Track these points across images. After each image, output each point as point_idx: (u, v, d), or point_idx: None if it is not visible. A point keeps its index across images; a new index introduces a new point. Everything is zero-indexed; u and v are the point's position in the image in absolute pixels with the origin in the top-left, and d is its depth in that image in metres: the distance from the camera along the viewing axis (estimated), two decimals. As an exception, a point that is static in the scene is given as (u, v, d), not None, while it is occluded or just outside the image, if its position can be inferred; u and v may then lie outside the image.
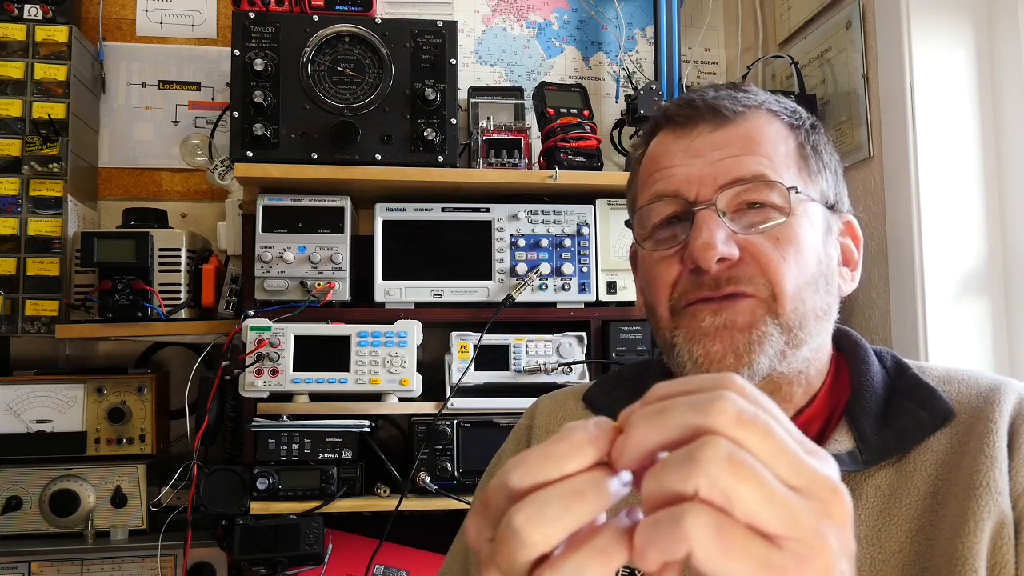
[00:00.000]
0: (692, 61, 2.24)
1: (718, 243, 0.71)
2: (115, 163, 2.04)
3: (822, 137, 0.81)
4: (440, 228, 1.74)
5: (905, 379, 0.78)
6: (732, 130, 0.76)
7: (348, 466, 1.62)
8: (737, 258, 0.72)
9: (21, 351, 1.93)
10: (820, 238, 0.76)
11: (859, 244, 0.82)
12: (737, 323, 0.71)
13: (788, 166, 0.75)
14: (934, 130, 1.54)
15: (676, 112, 0.79)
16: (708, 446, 0.37)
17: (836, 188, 0.80)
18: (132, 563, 1.65)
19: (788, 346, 0.72)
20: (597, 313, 1.74)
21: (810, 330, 0.73)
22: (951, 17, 1.57)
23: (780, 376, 0.74)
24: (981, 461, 0.69)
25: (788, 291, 0.71)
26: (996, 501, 0.67)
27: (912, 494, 0.71)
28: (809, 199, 0.76)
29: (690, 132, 0.77)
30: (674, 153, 0.77)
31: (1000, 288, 1.54)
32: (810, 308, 0.73)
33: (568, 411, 0.91)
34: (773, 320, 0.71)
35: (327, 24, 1.67)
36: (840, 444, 0.73)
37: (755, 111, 0.77)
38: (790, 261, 0.72)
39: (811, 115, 0.82)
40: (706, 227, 0.72)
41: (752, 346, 0.71)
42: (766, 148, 0.75)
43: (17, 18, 1.82)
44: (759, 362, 0.71)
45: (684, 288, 0.74)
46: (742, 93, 0.79)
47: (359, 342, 1.62)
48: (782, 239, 0.72)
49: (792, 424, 0.41)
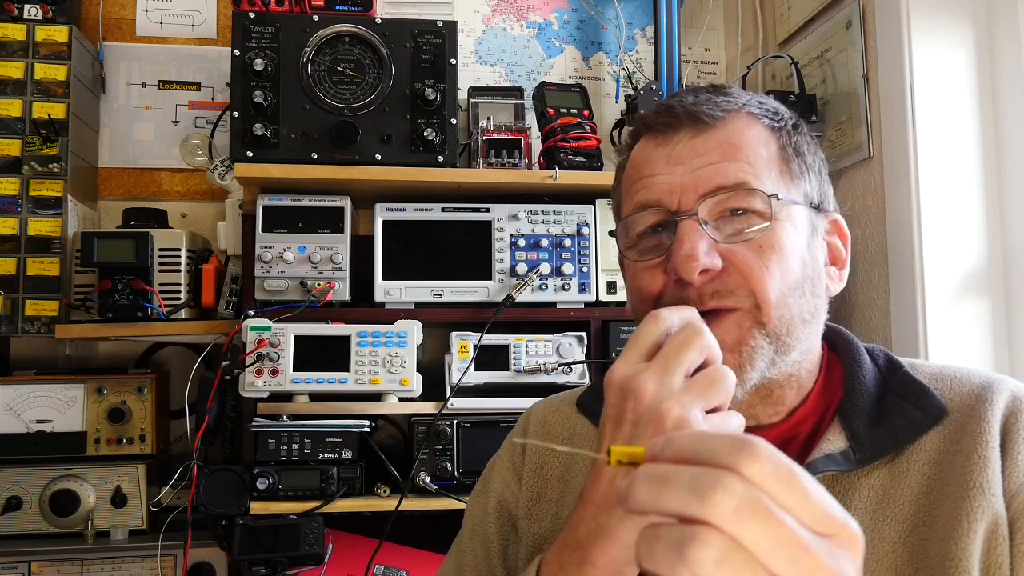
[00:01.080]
0: (692, 61, 2.24)
1: (700, 254, 0.70)
2: (115, 163, 2.04)
3: (804, 137, 0.80)
4: (440, 228, 1.74)
5: (898, 377, 0.78)
6: (712, 136, 0.75)
7: (348, 466, 1.62)
8: (720, 268, 0.71)
9: (21, 351, 1.93)
10: (804, 241, 0.75)
11: (847, 242, 0.81)
12: (726, 343, 0.70)
13: (770, 170, 0.74)
14: (934, 130, 1.54)
15: (656, 120, 0.78)
16: (701, 543, 0.38)
17: (820, 188, 0.80)
18: (132, 563, 1.65)
19: (777, 354, 0.72)
20: (597, 313, 1.74)
21: (797, 335, 0.73)
22: (951, 17, 1.57)
23: (771, 382, 0.74)
24: (974, 461, 0.69)
25: (772, 299, 0.71)
26: (990, 502, 0.67)
27: (905, 494, 0.71)
28: (792, 203, 0.75)
29: (670, 140, 0.76)
30: (655, 161, 0.76)
31: (1000, 288, 1.53)
32: (796, 313, 0.73)
33: (562, 417, 0.91)
34: (760, 331, 0.71)
35: (327, 24, 1.67)
36: (833, 444, 0.73)
37: (735, 115, 0.76)
38: (773, 269, 0.71)
39: (793, 114, 0.81)
40: (688, 239, 0.71)
41: (743, 364, 0.71)
42: (747, 153, 0.74)
43: (17, 18, 1.82)
44: (750, 377, 0.71)
45: (668, 300, 0.73)
46: (722, 97, 0.78)
47: (359, 342, 1.62)
48: (764, 246, 0.72)
49: (815, 487, 0.40)
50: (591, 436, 0.86)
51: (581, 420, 0.89)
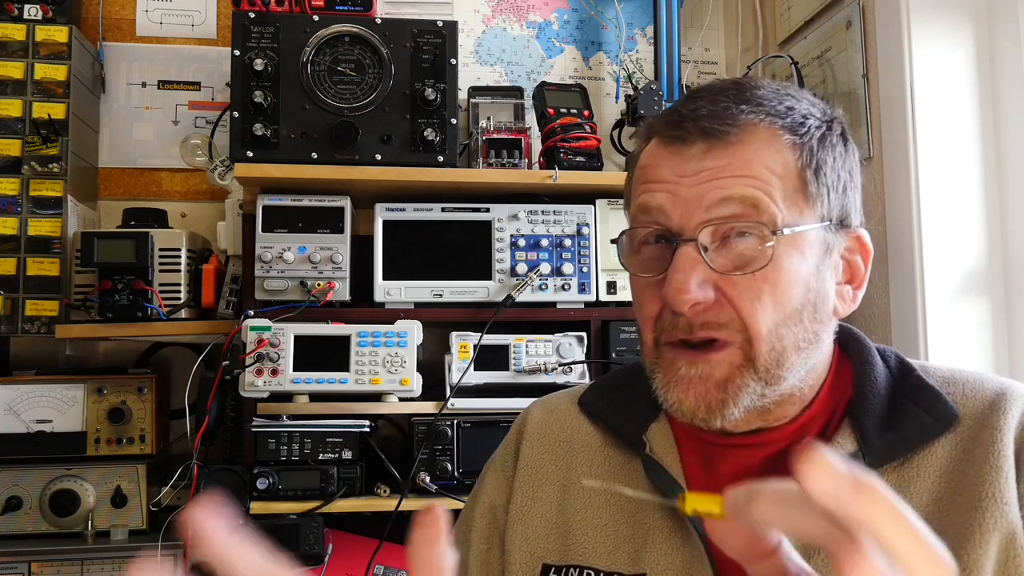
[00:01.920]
0: (692, 61, 2.24)
1: (692, 288, 0.68)
2: (115, 163, 2.04)
3: (831, 149, 0.74)
4: (440, 228, 1.74)
5: (910, 381, 0.76)
6: (724, 152, 0.71)
7: (348, 466, 1.62)
8: (712, 301, 0.70)
9: (21, 351, 1.93)
10: (813, 265, 0.72)
11: (868, 258, 0.77)
12: (714, 377, 0.70)
13: (784, 191, 0.71)
14: (934, 130, 1.54)
15: (666, 131, 0.74)
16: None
17: (844, 203, 0.75)
18: (132, 563, 1.65)
19: (767, 386, 0.71)
20: (597, 313, 1.74)
21: (790, 364, 0.71)
22: (951, 17, 1.57)
23: (763, 406, 0.73)
24: (987, 471, 0.68)
25: (763, 334, 0.69)
26: (1003, 512, 0.66)
27: (914, 501, 0.70)
28: (803, 226, 0.71)
29: (682, 151, 0.72)
30: (662, 168, 0.74)
31: (1000, 288, 1.53)
32: (789, 344, 0.71)
33: (560, 416, 0.89)
34: (749, 369, 0.70)
35: (327, 24, 1.67)
36: (843, 446, 0.72)
37: (753, 130, 0.71)
38: (766, 302, 0.69)
39: (827, 116, 0.76)
40: (682, 271, 0.69)
41: (726, 401, 0.70)
42: (759, 172, 0.70)
43: (17, 18, 1.82)
44: (732, 413, 0.70)
45: (664, 326, 0.72)
46: (744, 105, 0.72)
47: (359, 342, 1.62)
48: (759, 277, 0.69)
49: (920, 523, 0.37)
50: (592, 438, 0.86)
51: (582, 421, 0.87)
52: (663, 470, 0.78)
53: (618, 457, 0.83)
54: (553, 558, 0.80)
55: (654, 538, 0.76)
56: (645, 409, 0.82)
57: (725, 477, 0.77)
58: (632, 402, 0.84)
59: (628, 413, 0.84)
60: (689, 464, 0.79)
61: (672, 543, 0.75)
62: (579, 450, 0.86)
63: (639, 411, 0.83)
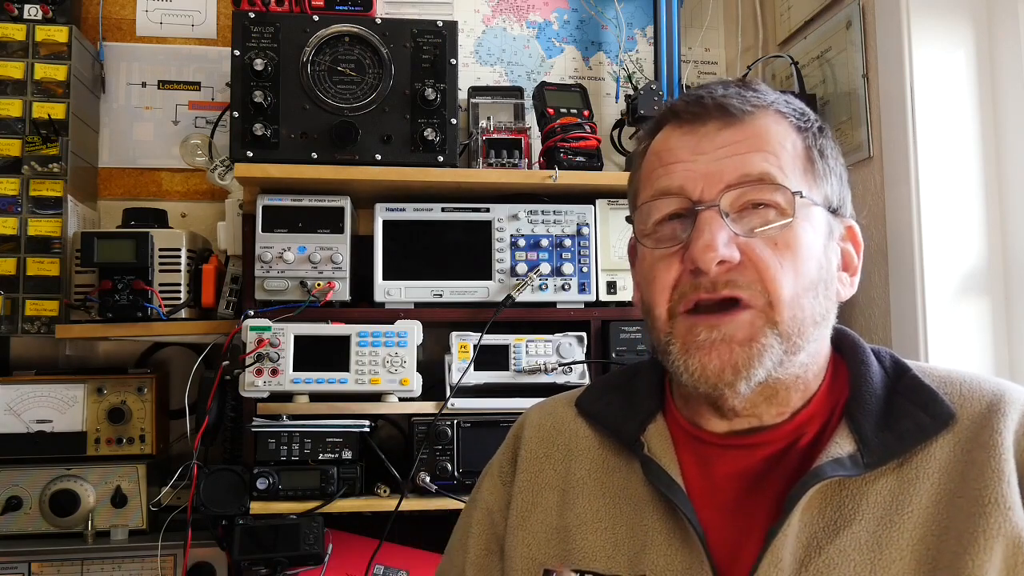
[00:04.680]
0: (692, 61, 2.24)
1: (719, 245, 0.71)
2: (115, 163, 2.04)
3: (829, 141, 0.80)
4: (440, 228, 1.74)
5: (905, 380, 0.77)
6: (740, 129, 0.75)
7: (348, 466, 1.62)
8: (737, 261, 0.71)
9: (21, 351, 1.93)
10: (821, 243, 0.75)
11: (859, 249, 0.82)
12: (737, 336, 0.71)
13: (794, 168, 0.75)
14: (934, 130, 1.54)
15: (684, 109, 0.78)
16: None
17: (840, 192, 0.80)
18: (132, 563, 1.65)
19: (787, 353, 0.72)
20: (597, 313, 1.74)
21: (808, 336, 0.73)
22: (951, 17, 1.57)
23: (777, 382, 0.74)
24: (988, 475, 0.68)
25: (785, 298, 0.71)
26: (1007, 517, 0.66)
27: (914, 502, 0.70)
28: (813, 203, 0.75)
29: (697, 129, 0.76)
30: (680, 149, 0.77)
31: (1000, 288, 1.53)
32: (808, 314, 0.73)
33: (558, 419, 0.90)
34: (772, 330, 0.71)
35: (327, 24, 1.67)
36: (841, 447, 0.72)
37: (763, 111, 0.77)
38: (787, 268, 0.72)
39: (819, 117, 0.82)
40: (708, 229, 0.71)
41: (751, 360, 0.71)
42: (774, 147, 0.75)
43: (17, 18, 1.82)
44: (756, 373, 0.71)
45: (684, 290, 0.73)
46: (751, 92, 0.78)
47: (359, 342, 1.62)
48: (781, 244, 0.72)
49: None
50: (590, 440, 0.86)
51: (579, 423, 0.88)
52: (662, 471, 0.78)
53: (616, 458, 0.83)
54: (554, 562, 0.80)
55: (653, 540, 0.76)
56: (643, 410, 0.83)
57: (723, 478, 0.77)
58: (630, 403, 0.85)
59: (626, 414, 0.84)
60: (687, 465, 0.79)
61: (671, 545, 0.75)
62: (577, 452, 0.86)
63: (637, 412, 0.83)
